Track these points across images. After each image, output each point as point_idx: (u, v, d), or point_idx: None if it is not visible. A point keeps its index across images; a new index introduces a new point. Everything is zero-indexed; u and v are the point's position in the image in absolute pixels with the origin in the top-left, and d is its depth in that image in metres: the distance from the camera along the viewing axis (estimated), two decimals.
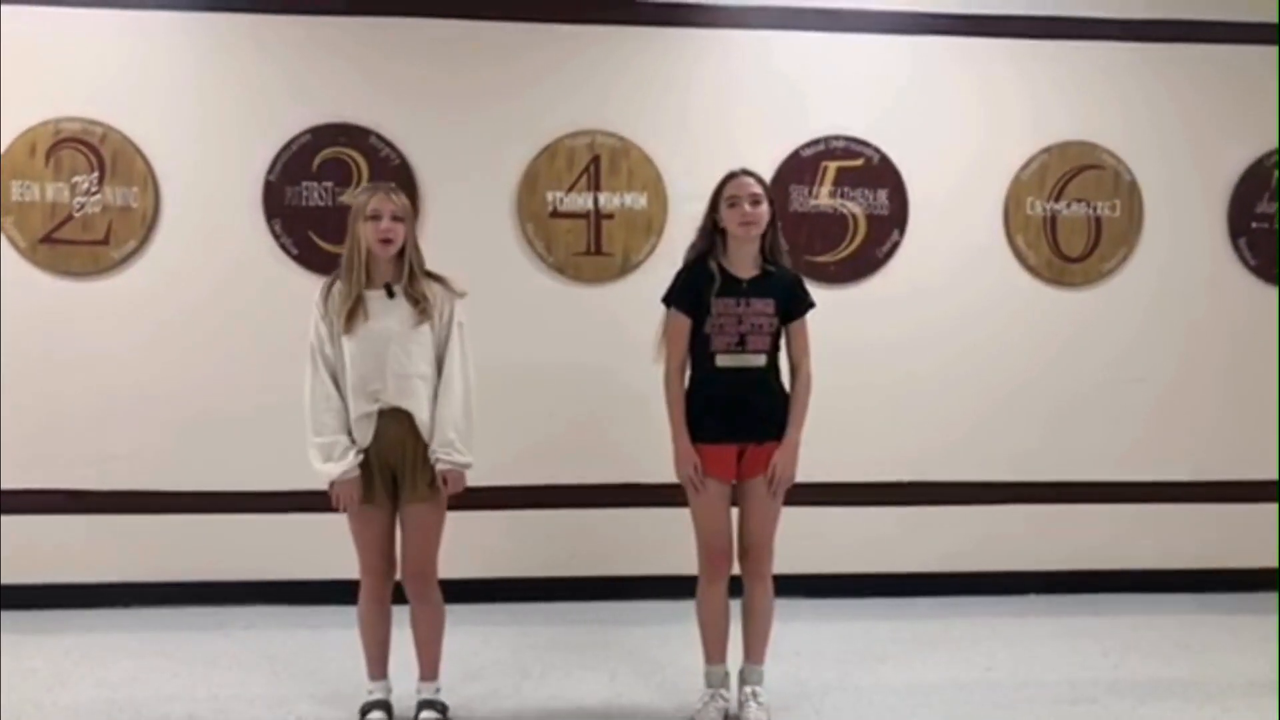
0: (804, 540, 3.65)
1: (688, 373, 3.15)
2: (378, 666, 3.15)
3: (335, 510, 3.04)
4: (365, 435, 2.98)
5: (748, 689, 3.17)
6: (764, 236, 3.09)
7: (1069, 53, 4.37)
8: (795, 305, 3.11)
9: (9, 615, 4.04)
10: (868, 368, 4.34)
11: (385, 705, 3.12)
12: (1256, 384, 4.51)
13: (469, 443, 3.03)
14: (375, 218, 2.94)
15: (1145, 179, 4.42)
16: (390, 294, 2.98)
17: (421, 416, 2.99)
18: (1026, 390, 4.44)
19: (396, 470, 3.01)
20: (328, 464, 2.95)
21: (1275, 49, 4.38)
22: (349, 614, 3.15)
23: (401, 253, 3.00)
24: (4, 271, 4.09)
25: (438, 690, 3.17)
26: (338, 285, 3.01)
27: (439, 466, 2.99)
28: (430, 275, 3.06)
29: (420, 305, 2.98)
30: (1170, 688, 3.49)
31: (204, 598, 4.21)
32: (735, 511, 3.16)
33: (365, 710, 3.10)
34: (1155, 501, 4.49)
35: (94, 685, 3.45)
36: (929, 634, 3.99)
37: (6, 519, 4.13)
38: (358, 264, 2.97)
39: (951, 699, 3.38)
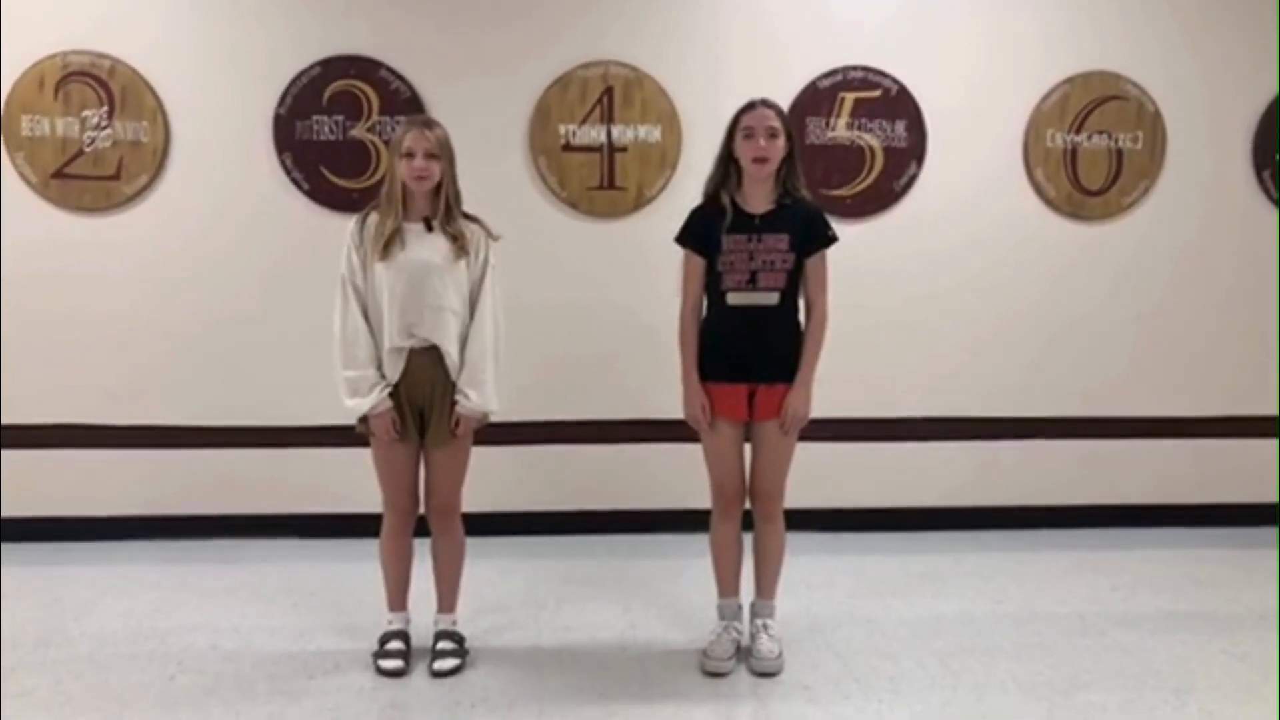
0: (816, 475, 3.67)
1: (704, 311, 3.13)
2: (398, 599, 3.20)
3: (365, 444, 3.07)
4: (395, 369, 2.99)
5: (759, 621, 3.20)
6: (780, 170, 3.03)
7: None
8: (811, 240, 3.02)
9: (35, 547, 4.12)
10: (883, 303, 4.32)
11: (404, 635, 3.17)
12: None
13: (495, 387, 3.04)
14: (409, 155, 2.93)
15: (1169, 110, 4.34)
16: (429, 227, 2.99)
17: (451, 353, 3.00)
18: (1043, 324, 4.42)
19: (425, 408, 3.03)
20: (355, 399, 2.97)
21: None
22: (368, 547, 3.19)
23: (439, 188, 2.99)
24: (17, 207, 4.09)
25: (455, 622, 3.22)
26: (373, 217, 3.01)
27: (458, 408, 3.00)
28: (467, 216, 3.05)
29: (458, 242, 2.98)
30: (1179, 621, 3.51)
31: (225, 531, 4.28)
32: (748, 449, 3.17)
33: (384, 639, 3.16)
34: (1171, 436, 4.48)
35: (119, 615, 3.52)
36: (940, 568, 4.03)
37: (29, 453, 4.18)
38: (395, 197, 2.98)
39: (962, 632, 3.42)
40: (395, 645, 3.14)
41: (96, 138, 4.08)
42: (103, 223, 4.14)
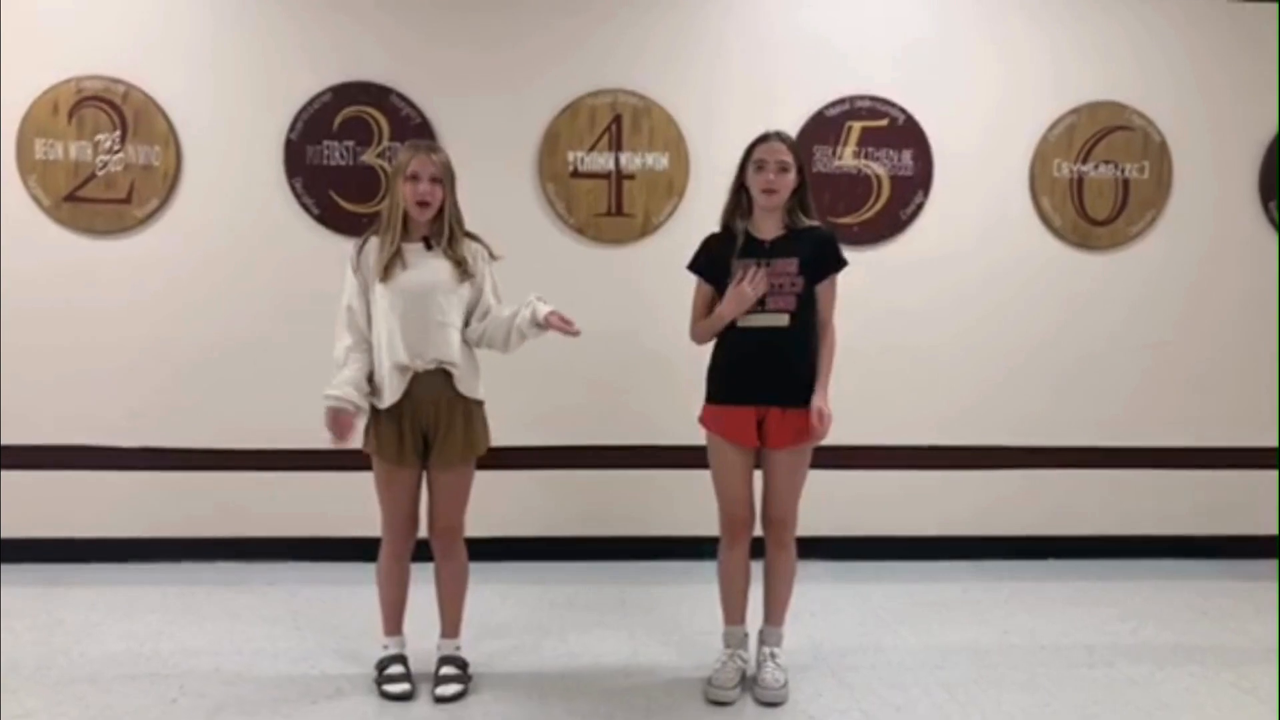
0: (823, 503, 3.64)
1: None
2: (394, 623, 3.18)
3: (369, 468, 3.06)
4: (397, 389, 2.97)
5: (766, 650, 3.18)
6: (790, 200, 3.05)
7: (1099, 12, 4.29)
8: (821, 264, 3.04)
9: (37, 568, 4.11)
10: (890, 331, 4.32)
11: (403, 659, 3.16)
12: None
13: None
14: (414, 179, 2.95)
15: (1175, 140, 4.35)
16: (429, 246, 3.00)
17: (459, 368, 3.00)
18: (1049, 354, 4.41)
19: (429, 432, 3.02)
20: (327, 390, 2.97)
21: None
22: (372, 571, 3.17)
23: (441, 212, 3.00)
24: (28, 229, 4.11)
25: (458, 647, 3.20)
26: (373, 240, 3.02)
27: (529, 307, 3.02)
28: (468, 235, 3.08)
29: (462, 266, 3.00)
30: (1188, 653, 3.48)
31: (228, 554, 4.27)
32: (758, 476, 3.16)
33: (384, 664, 3.14)
34: (1179, 467, 4.46)
35: (121, 637, 3.50)
36: (947, 597, 4.00)
37: (33, 474, 4.19)
38: (396, 220, 2.99)
39: (969, 662, 3.39)
40: (397, 669, 3.13)
41: (109, 161, 4.12)
42: (114, 245, 4.16)
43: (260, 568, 4.20)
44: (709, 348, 3.16)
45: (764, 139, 3.04)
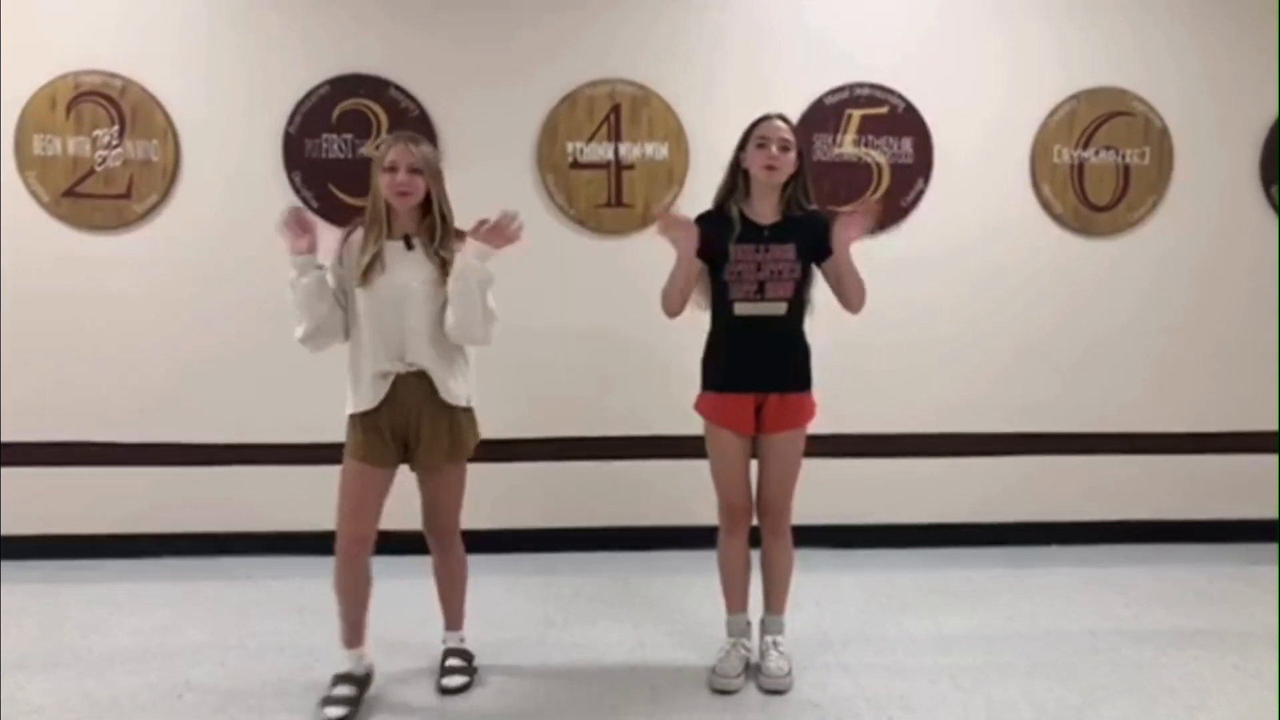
0: (826, 491, 3.66)
1: (708, 323, 3.14)
2: (351, 635, 3.00)
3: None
4: (378, 393, 2.88)
5: (769, 638, 3.19)
6: (788, 186, 3.04)
7: None
8: (823, 244, 3.01)
9: (44, 565, 4.12)
10: (891, 319, 4.30)
11: (353, 679, 2.95)
12: None
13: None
14: (392, 169, 2.84)
15: (1176, 126, 4.33)
16: (409, 246, 2.90)
17: (439, 376, 2.90)
18: (1051, 340, 4.41)
19: (409, 436, 2.94)
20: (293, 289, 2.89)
21: None
22: (379, 565, 3.16)
23: (427, 206, 2.90)
24: (27, 225, 4.11)
25: (462, 639, 3.21)
26: (358, 233, 2.93)
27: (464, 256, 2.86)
28: (459, 233, 2.95)
29: (446, 268, 2.87)
30: (1192, 637, 3.49)
31: (235, 549, 4.28)
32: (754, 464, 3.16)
33: (333, 681, 2.95)
34: (1181, 453, 4.46)
35: (129, 633, 3.52)
36: (951, 584, 4.01)
37: (40, 470, 4.19)
38: (379, 216, 2.89)
39: (973, 648, 3.40)
40: (341, 690, 2.91)
41: (107, 157, 4.11)
42: (113, 241, 4.16)
43: (266, 563, 4.20)
44: (705, 336, 3.15)
45: (765, 118, 3.03)
